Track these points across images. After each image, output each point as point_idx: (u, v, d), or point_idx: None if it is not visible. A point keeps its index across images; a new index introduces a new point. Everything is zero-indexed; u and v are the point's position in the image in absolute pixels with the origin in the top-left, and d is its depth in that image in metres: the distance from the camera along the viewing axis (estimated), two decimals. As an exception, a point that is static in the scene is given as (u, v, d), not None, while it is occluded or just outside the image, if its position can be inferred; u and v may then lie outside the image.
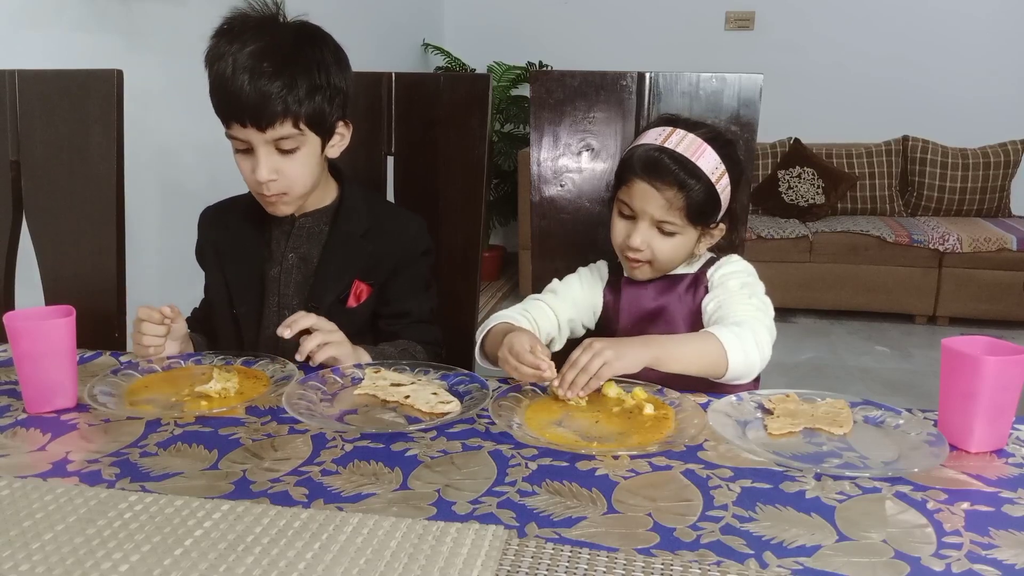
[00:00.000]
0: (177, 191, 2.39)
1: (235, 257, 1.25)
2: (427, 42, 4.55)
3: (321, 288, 1.21)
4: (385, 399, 0.98)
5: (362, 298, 1.22)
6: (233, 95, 1.06)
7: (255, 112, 1.06)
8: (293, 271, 1.22)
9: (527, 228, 3.68)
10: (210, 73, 1.09)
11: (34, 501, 0.72)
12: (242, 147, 1.11)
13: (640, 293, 1.21)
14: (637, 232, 1.13)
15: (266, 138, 1.08)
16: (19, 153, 1.40)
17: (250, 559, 0.62)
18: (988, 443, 0.84)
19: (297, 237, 1.22)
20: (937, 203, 4.15)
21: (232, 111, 1.07)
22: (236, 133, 1.09)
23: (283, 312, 1.20)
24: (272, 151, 1.10)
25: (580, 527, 0.68)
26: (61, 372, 0.95)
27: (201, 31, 1.14)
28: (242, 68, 1.05)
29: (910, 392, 3.01)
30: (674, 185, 1.10)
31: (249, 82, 1.05)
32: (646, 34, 4.54)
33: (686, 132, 1.12)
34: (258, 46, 1.07)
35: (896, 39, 4.28)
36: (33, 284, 1.43)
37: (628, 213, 1.15)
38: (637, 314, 1.21)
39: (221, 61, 1.07)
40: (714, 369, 1.02)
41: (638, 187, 1.12)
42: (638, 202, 1.13)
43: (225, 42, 1.08)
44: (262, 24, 1.10)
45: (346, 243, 1.21)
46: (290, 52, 1.09)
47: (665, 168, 1.10)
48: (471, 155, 1.38)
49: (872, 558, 0.64)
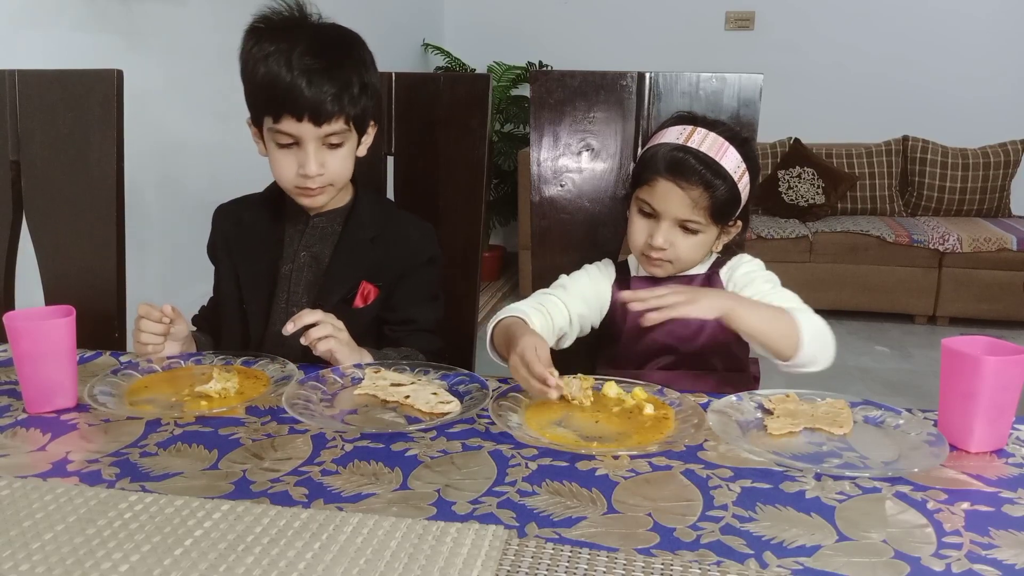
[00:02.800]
0: (177, 191, 2.39)
1: (248, 253, 1.25)
2: (427, 42, 4.55)
3: (330, 287, 1.22)
4: (385, 399, 0.98)
5: (369, 299, 1.23)
6: (290, 92, 1.08)
7: (315, 108, 1.09)
8: (304, 269, 1.24)
9: (527, 228, 3.68)
10: (253, 71, 1.11)
11: (34, 501, 0.72)
12: (286, 142, 1.13)
13: (654, 285, 1.18)
14: (660, 231, 1.13)
15: (319, 133, 1.11)
16: (19, 153, 1.40)
17: (250, 559, 0.62)
18: (988, 443, 0.84)
19: (311, 236, 1.24)
20: (937, 203, 4.15)
21: (289, 107, 1.09)
22: (287, 128, 1.11)
23: (291, 309, 1.21)
24: (320, 146, 1.13)
25: (580, 527, 0.68)
26: (61, 372, 0.95)
27: (201, 31, 1.14)
28: (300, 66, 1.08)
29: (910, 392, 3.01)
30: (700, 185, 1.09)
31: (311, 80, 1.08)
32: (646, 34, 4.54)
33: (707, 131, 1.12)
34: (309, 45, 1.10)
35: (896, 39, 4.28)
36: (33, 284, 1.43)
37: (649, 212, 1.14)
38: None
39: (269, 59, 1.09)
40: (786, 342, 1.02)
41: (662, 186, 1.11)
42: (661, 202, 1.12)
43: (267, 42, 1.11)
44: (300, 24, 1.14)
45: (356, 246, 1.23)
46: (342, 51, 1.13)
47: (691, 168, 1.09)
48: (471, 155, 1.38)
49: (872, 558, 0.64)
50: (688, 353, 1.18)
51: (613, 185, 1.37)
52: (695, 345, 1.17)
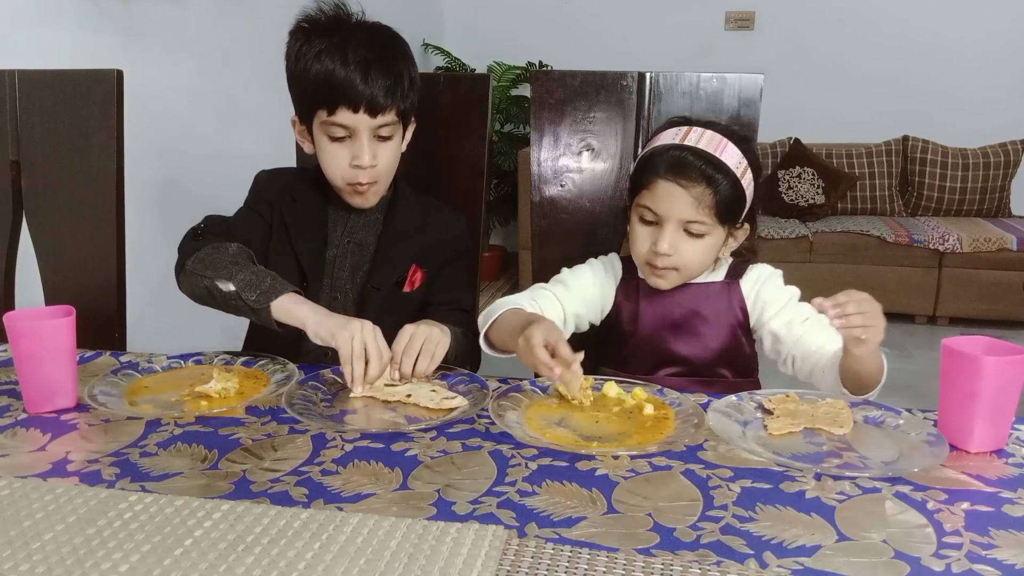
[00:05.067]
0: (177, 191, 2.39)
1: (301, 233, 1.25)
2: (427, 42, 4.55)
3: (380, 272, 1.24)
4: (386, 399, 0.98)
5: (416, 284, 1.26)
6: (347, 84, 1.11)
7: (371, 100, 1.12)
8: (348, 256, 1.25)
9: (527, 228, 3.68)
10: (305, 68, 1.13)
11: (34, 501, 0.72)
12: (340, 135, 1.15)
13: (664, 300, 1.15)
14: (664, 236, 1.08)
15: (374, 124, 1.14)
16: (19, 153, 1.40)
17: (250, 559, 0.62)
18: (988, 443, 0.84)
19: (355, 223, 1.26)
20: (937, 203, 4.15)
21: (346, 99, 1.12)
22: (342, 120, 1.13)
23: (335, 295, 1.24)
24: (372, 138, 1.16)
25: (580, 527, 0.68)
26: (61, 372, 0.95)
27: (201, 31, 1.14)
28: (357, 60, 1.11)
29: (910, 392, 2.98)
30: (701, 181, 1.05)
31: (367, 72, 1.11)
32: (646, 34, 4.54)
33: (704, 129, 1.09)
34: (364, 39, 1.14)
35: (896, 39, 4.28)
36: (33, 284, 1.43)
37: (651, 218, 1.10)
38: (662, 322, 1.16)
39: (323, 55, 1.12)
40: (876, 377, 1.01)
41: (662, 188, 1.07)
42: (663, 204, 1.07)
43: (317, 39, 1.13)
44: (347, 21, 1.17)
45: (404, 232, 1.25)
46: (393, 47, 1.17)
47: (690, 165, 1.06)
48: (471, 155, 1.38)
49: (872, 558, 0.64)
50: (700, 365, 1.15)
51: (613, 185, 1.37)
52: (707, 358, 1.15)
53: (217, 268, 1.09)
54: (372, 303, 1.23)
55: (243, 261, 1.10)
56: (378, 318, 1.06)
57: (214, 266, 1.09)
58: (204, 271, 1.09)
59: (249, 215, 1.25)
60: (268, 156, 1.41)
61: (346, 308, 1.24)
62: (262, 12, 2.70)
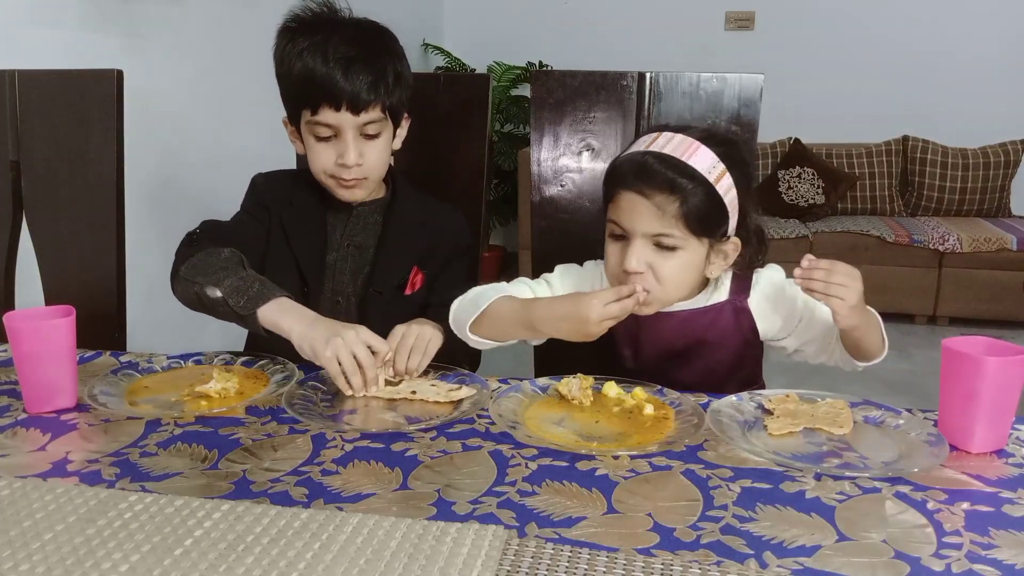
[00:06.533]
0: (177, 191, 2.39)
1: (300, 238, 1.24)
2: (427, 42, 4.55)
3: (381, 275, 1.23)
4: (390, 398, 0.98)
5: (416, 286, 1.25)
6: (327, 82, 1.10)
7: (352, 97, 1.11)
8: (349, 259, 1.25)
9: (527, 228, 3.68)
10: (289, 67, 1.13)
11: (34, 501, 0.72)
12: (325, 134, 1.14)
13: (665, 331, 1.08)
14: (631, 252, 0.98)
15: (357, 122, 1.13)
16: (19, 153, 1.40)
17: (250, 559, 0.62)
18: (988, 443, 0.84)
19: (354, 225, 1.25)
20: (937, 203, 4.15)
21: (327, 97, 1.11)
22: (325, 118, 1.12)
23: (336, 299, 1.24)
24: (358, 136, 1.14)
25: (580, 527, 0.68)
26: (61, 372, 0.95)
27: (201, 31, 1.14)
28: (337, 57, 1.10)
29: (910, 392, 3.00)
30: (664, 188, 0.96)
31: (348, 69, 1.10)
32: (646, 34, 4.54)
33: (674, 134, 1.00)
34: (346, 36, 1.12)
35: (896, 39, 4.28)
36: (33, 284, 1.43)
37: (619, 233, 1.01)
38: (666, 354, 1.10)
39: (304, 53, 1.11)
40: (879, 343, 1.04)
41: (625, 199, 0.99)
42: (626, 216, 0.99)
43: (301, 37, 1.12)
44: (332, 19, 1.16)
45: (404, 233, 1.24)
46: (376, 42, 1.15)
47: (652, 172, 0.97)
48: (471, 155, 1.38)
49: (872, 558, 0.64)
50: (708, 387, 1.06)
51: (613, 185, 1.37)
52: (715, 381, 1.08)
53: (207, 274, 1.08)
54: (374, 307, 1.23)
55: (233, 266, 1.09)
56: (381, 322, 1.06)
57: (204, 272, 1.09)
58: (195, 277, 1.09)
59: (247, 220, 1.24)
60: (268, 156, 1.41)
61: (348, 312, 1.24)
62: (262, 12, 2.69)
